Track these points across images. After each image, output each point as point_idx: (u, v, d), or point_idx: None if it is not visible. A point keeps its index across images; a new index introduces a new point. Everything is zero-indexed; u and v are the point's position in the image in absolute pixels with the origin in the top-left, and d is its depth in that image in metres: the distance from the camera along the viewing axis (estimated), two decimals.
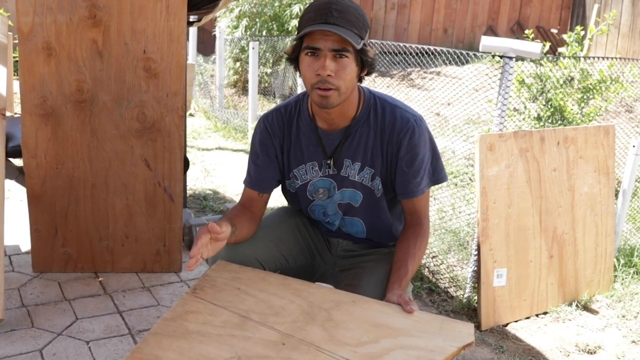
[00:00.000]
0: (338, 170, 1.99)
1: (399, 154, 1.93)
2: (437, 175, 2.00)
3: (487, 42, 3.00)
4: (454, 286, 3.21)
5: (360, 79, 1.89)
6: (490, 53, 3.16)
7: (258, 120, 2.07)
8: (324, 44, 1.76)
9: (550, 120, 4.56)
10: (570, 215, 3.10)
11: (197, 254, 1.66)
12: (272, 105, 7.05)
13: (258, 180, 2.04)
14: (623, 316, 3.07)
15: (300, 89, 5.70)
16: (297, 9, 7.31)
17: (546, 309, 3.05)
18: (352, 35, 1.75)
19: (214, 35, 7.46)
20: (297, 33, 1.82)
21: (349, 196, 2.02)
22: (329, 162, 1.98)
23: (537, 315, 3.02)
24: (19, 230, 3.41)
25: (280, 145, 2.03)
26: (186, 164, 3.21)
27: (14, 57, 5.97)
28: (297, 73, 1.93)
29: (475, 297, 2.99)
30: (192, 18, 3.61)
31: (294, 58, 1.87)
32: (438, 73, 8.14)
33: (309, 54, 1.79)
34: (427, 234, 1.97)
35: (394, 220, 2.08)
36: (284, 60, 7.23)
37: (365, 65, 1.85)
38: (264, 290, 1.74)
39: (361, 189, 2.00)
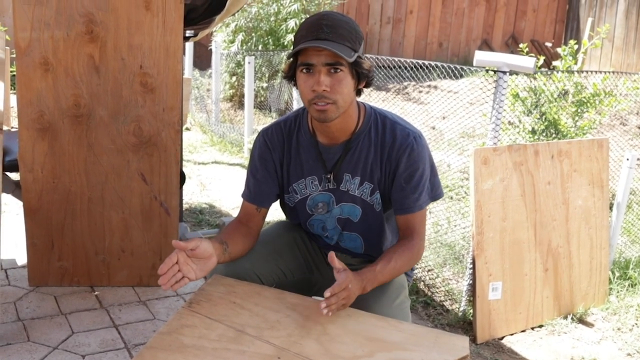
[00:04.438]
0: (338, 184, 1.99)
1: (397, 170, 1.94)
2: (435, 191, 2.01)
3: (481, 56, 3.02)
4: (449, 299, 3.22)
5: (358, 92, 1.91)
6: (484, 67, 3.18)
7: (257, 134, 2.08)
8: (317, 59, 1.78)
9: (544, 134, 4.58)
10: (565, 228, 3.11)
11: (164, 270, 1.65)
12: (269, 120, 7.08)
13: (257, 194, 2.05)
14: (618, 329, 3.07)
15: (296, 103, 5.72)
16: (292, 23, 7.34)
17: (541, 322, 3.06)
18: (344, 49, 1.77)
19: (210, 49, 7.49)
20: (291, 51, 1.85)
21: (348, 211, 2.02)
22: (328, 176, 1.99)
23: (532, 329, 3.03)
24: (16, 244, 3.41)
25: (279, 159, 2.04)
26: (182, 178, 3.22)
27: (11, 72, 5.98)
28: (293, 87, 1.95)
29: (471, 311, 2.99)
30: (188, 33, 3.63)
31: (290, 76, 1.89)
32: (435, 87, 8.17)
33: (304, 70, 1.81)
34: (414, 248, 1.93)
35: (392, 237, 2.09)
36: (279, 74, 7.26)
37: (362, 78, 1.86)
38: (260, 304, 1.75)
39: (360, 204, 2.00)
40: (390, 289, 1.93)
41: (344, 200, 2.01)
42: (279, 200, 2.14)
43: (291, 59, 1.87)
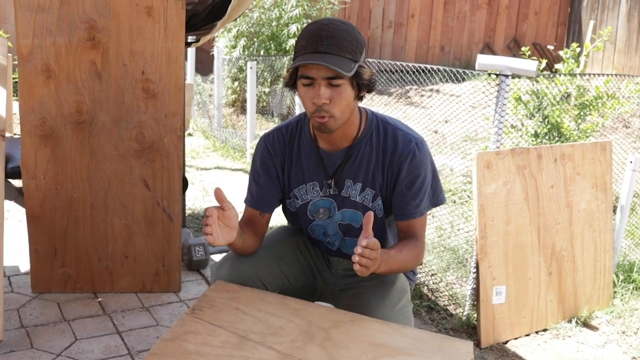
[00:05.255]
0: (339, 190, 1.99)
1: (399, 176, 1.93)
2: (437, 197, 2.01)
3: (483, 60, 3.02)
4: (453, 304, 3.21)
5: (360, 98, 1.90)
6: (486, 71, 3.17)
7: (259, 139, 2.09)
8: (316, 73, 1.78)
9: (547, 137, 4.58)
10: (569, 231, 3.11)
11: (211, 222, 1.75)
12: (271, 125, 7.08)
13: (259, 199, 2.05)
14: (623, 332, 3.06)
15: (298, 107, 5.72)
16: (294, 28, 7.35)
17: (546, 326, 3.05)
18: (343, 62, 1.76)
19: (212, 55, 7.50)
20: (293, 60, 1.84)
21: (349, 217, 2.02)
22: (329, 182, 1.99)
23: (536, 332, 3.02)
24: (18, 250, 3.41)
25: (281, 165, 2.04)
26: (185, 183, 3.22)
27: (13, 79, 5.99)
28: (295, 94, 1.95)
29: (475, 315, 2.99)
30: (190, 39, 3.63)
31: (291, 84, 1.89)
32: (437, 91, 8.17)
33: (304, 82, 1.82)
34: (418, 248, 1.95)
35: (394, 242, 2.08)
36: (281, 79, 7.26)
37: (362, 87, 1.86)
38: (263, 309, 1.75)
39: (362, 210, 2.00)
40: (392, 293, 1.93)
41: (345, 206, 2.01)
42: (281, 206, 2.13)
43: (291, 69, 1.87)
